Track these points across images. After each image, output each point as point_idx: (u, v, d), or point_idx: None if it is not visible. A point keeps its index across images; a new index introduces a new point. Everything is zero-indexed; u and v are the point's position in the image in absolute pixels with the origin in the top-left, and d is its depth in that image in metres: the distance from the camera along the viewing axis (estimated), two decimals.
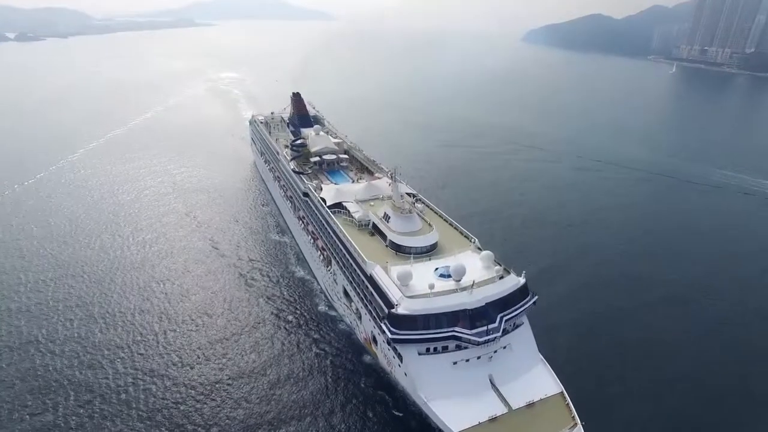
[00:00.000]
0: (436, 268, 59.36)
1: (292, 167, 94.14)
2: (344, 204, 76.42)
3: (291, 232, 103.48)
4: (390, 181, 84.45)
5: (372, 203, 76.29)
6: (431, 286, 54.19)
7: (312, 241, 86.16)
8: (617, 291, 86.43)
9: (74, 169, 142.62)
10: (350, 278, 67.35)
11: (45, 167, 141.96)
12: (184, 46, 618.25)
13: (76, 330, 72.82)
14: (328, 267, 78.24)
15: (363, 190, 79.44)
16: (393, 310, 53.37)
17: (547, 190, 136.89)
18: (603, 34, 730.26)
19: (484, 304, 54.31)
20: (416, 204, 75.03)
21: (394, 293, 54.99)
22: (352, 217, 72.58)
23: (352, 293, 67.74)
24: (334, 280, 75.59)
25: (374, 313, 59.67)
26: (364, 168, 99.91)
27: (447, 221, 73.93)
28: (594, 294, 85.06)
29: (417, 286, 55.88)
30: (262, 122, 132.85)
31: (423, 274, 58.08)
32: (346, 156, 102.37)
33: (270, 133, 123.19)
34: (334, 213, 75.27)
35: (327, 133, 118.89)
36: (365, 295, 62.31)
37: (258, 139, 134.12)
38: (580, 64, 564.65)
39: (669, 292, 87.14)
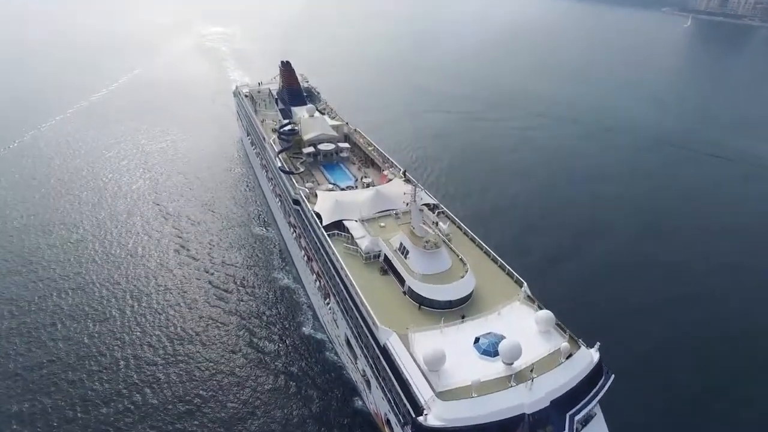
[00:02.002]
0: (477, 339, 42.56)
1: (279, 165, 75.76)
2: (345, 224, 58.80)
3: (278, 227, 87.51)
4: (403, 180, 67.90)
5: (382, 223, 58.67)
6: (475, 383, 37.52)
7: (305, 259, 69.26)
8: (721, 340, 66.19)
9: (29, 149, 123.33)
10: (356, 334, 50.91)
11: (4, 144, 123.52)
12: None
13: None
14: (326, 300, 61.79)
15: (370, 201, 61.51)
16: (420, 419, 36.95)
17: (589, 180, 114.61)
18: None
19: (548, 402, 37.98)
20: (438, 221, 57.73)
21: (421, 388, 38.44)
22: (357, 245, 55.14)
23: (358, 351, 51.51)
24: (334, 321, 59.37)
25: (390, 397, 43.59)
26: (368, 160, 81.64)
27: (481, 248, 56.65)
28: (682, 346, 65.25)
29: (452, 373, 39.46)
30: (246, 95, 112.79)
31: (458, 348, 41.57)
32: (346, 145, 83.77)
33: (256, 110, 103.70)
34: (332, 236, 57.84)
35: (323, 111, 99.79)
36: (377, 368, 46.05)
37: (243, 115, 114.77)
38: (588, 18, 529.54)
39: None
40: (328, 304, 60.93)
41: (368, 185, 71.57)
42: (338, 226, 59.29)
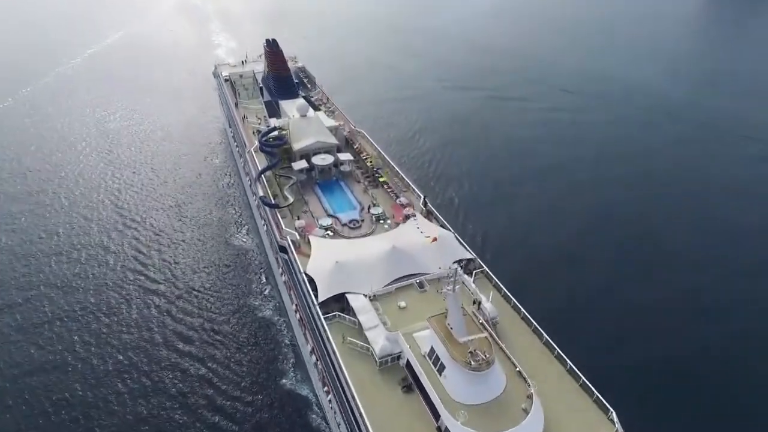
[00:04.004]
0: None
1: (261, 195, 58.27)
2: (350, 300, 42.22)
3: (261, 239, 71.89)
4: (424, 213, 51.73)
5: (402, 302, 42.18)
6: None
7: (297, 316, 53.39)
8: None
9: None
10: None
11: None
12: None
13: None
14: (324, 387, 46.46)
15: (383, 262, 44.60)
16: None
17: (656, 187, 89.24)
18: None
19: None
20: (481, 300, 41.33)
21: None
22: (367, 342, 38.80)
23: None
24: (335, 419, 44.16)
25: None
26: (376, 177, 64.14)
27: (538, 335, 40.48)
28: None
29: None
30: (227, 79, 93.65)
31: None
32: (348, 156, 65.97)
33: (237, 102, 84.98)
34: (332, 319, 41.53)
35: (318, 105, 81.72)
36: None
37: (224, 104, 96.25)
38: None
39: None
40: (327, 393, 45.54)
41: (378, 218, 55.10)
42: (340, 298, 42.94)
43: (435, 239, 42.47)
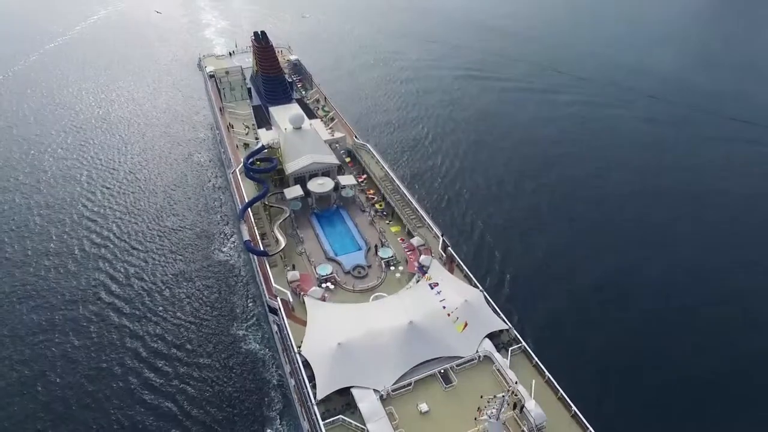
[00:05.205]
0: None
1: (245, 238, 48.52)
2: (356, 397, 33.44)
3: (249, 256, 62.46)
4: (442, 261, 43.31)
5: (423, 405, 33.16)
6: None
7: (293, 384, 44.77)
8: None
9: None
10: None
11: None
12: None
13: None
14: None
15: (398, 343, 35.64)
16: None
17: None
18: None
19: None
20: (524, 403, 32.35)
21: None
22: None
23: None
24: None
25: None
26: (385, 203, 54.72)
27: None
28: None
29: None
30: (211, 75, 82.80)
31: None
32: (351, 181, 56.36)
33: (222, 108, 74.30)
34: (333, 424, 32.84)
35: (315, 110, 71.53)
36: None
37: (210, 104, 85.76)
38: None
39: None
40: None
41: (388, 264, 46.03)
42: (343, 392, 34.17)
43: (466, 325, 33.33)
